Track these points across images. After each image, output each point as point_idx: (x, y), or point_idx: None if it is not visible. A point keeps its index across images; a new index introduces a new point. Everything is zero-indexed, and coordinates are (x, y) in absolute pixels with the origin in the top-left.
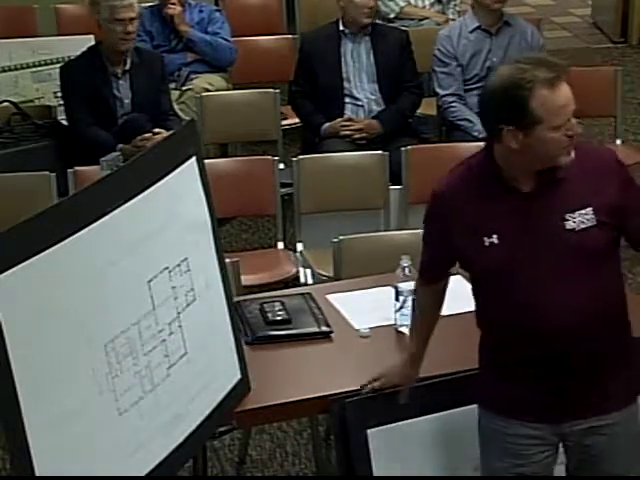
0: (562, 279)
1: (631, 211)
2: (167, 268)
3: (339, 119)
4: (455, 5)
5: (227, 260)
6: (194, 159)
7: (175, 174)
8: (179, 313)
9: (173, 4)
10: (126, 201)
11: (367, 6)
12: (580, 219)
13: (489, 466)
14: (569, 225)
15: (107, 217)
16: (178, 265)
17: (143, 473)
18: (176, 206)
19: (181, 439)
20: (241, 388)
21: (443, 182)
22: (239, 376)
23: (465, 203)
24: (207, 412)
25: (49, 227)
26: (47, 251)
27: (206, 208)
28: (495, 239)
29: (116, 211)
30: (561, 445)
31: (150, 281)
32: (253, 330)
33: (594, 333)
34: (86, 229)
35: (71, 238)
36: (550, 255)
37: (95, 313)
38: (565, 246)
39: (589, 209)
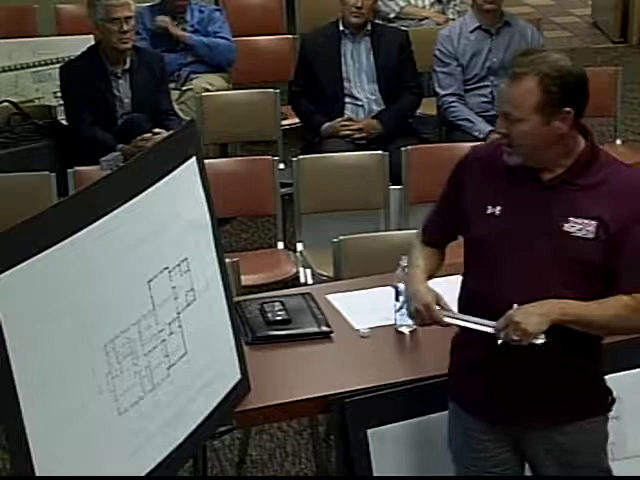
0: (537, 273)
1: (619, 248)
2: (167, 268)
3: (339, 119)
4: (455, 5)
5: (227, 260)
6: (194, 159)
7: (175, 174)
8: (179, 313)
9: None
10: (126, 201)
11: (354, 5)
12: (581, 227)
13: (455, 451)
14: (567, 227)
15: (107, 217)
16: (178, 265)
17: (143, 473)
18: (176, 206)
19: (181, 439)
20: (241, 388)
21: (472, 150)
22: (239, 376)
23: (483, 174)
24: (207, 412)
25: (49, 227)
26: (47, 251)
27: (206, 208)
28: (497, 211)
29: (116, 211)
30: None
31: (150, 281)
32: (253, 330)
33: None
34: (86, 229)
35: (71, 238)
36: (537, 247)
37: (95, 313)
38: (553, 245)
39: (594, 222)
